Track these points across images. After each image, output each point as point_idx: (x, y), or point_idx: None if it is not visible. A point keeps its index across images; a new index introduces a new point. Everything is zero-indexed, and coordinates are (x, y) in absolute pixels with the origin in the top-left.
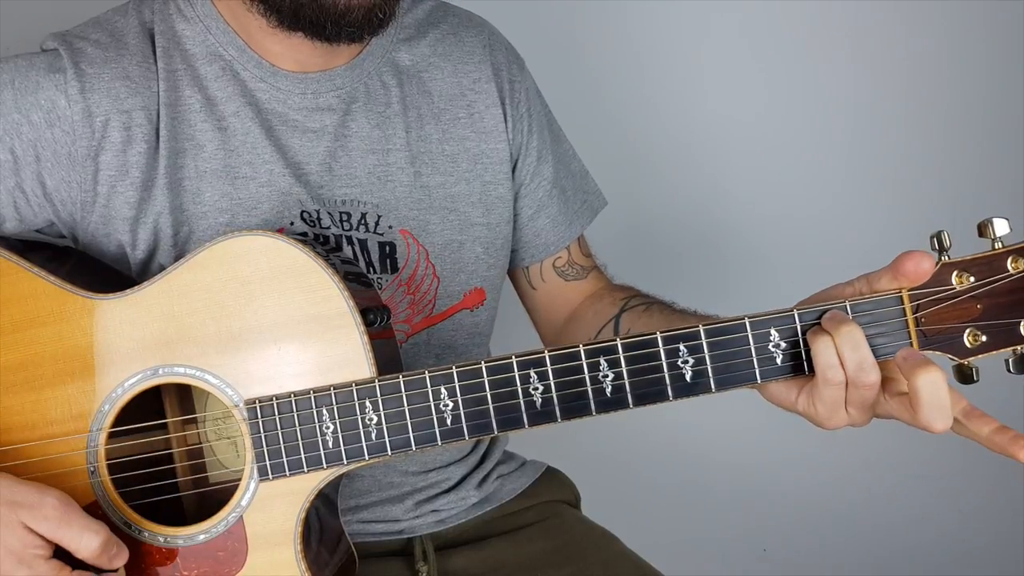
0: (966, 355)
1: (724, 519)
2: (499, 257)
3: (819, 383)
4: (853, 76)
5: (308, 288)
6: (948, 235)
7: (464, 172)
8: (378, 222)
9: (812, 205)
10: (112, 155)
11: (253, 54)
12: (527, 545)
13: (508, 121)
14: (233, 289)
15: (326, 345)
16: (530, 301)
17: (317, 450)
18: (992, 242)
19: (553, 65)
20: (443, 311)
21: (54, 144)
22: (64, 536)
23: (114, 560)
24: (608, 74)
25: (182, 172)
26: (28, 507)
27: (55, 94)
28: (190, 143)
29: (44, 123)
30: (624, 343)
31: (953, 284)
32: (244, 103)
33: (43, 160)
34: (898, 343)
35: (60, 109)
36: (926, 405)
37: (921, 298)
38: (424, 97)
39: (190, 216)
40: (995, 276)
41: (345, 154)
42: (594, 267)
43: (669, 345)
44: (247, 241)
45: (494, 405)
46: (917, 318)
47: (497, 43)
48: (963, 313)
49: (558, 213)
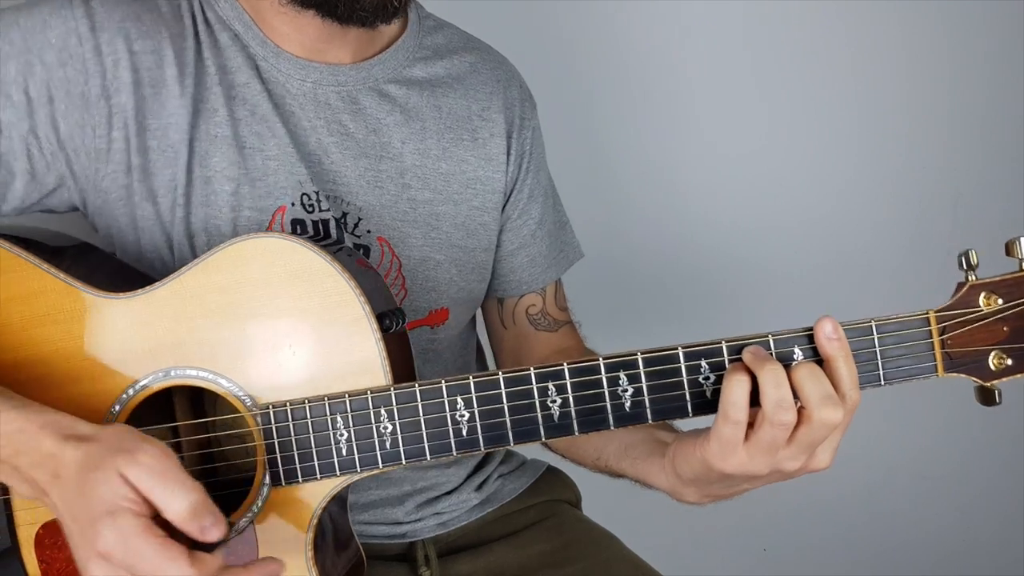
0: (990, 378)
1: (724, 519)
2: (471, 282)
3: (719, 418)
4: (850, 88)
5: (323, 292)
6: (976, 254)
7: (454, 193)
8: (357, 224)
9: (804, 222)
10: (125, 96)
11: (258, 31)
12: (528, 547)
13: (511, 155)
14: (247, 292)
15: (341, 351)
16: (497, 339)
17: (331, 457)
18: (1020, 262)
19: (541, 71)
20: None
21: (67, 84)
22: (156, 491)
23: (207, 532)
24: (595, 81)
25: (195, 132)
26: (128, 455)
27: (65, 32)
28: (204, 105)
29: (56, 62)
30: (644, 358)
31: (981, 306)
32: (253, 75)
33: (56, 101)
34: (923, 365)
35: (71, 47)
36: (770, 400)
37: (948, 320)
38: (432, 111)
39: (195, 178)
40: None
41: (338, 151)
42: (568, 322)
43: (691, 362)
44: (261, 243)
45: (511, 417)
46: (943, 340)
47: (513, 80)
48: (990, 336)
49: (537, 255)
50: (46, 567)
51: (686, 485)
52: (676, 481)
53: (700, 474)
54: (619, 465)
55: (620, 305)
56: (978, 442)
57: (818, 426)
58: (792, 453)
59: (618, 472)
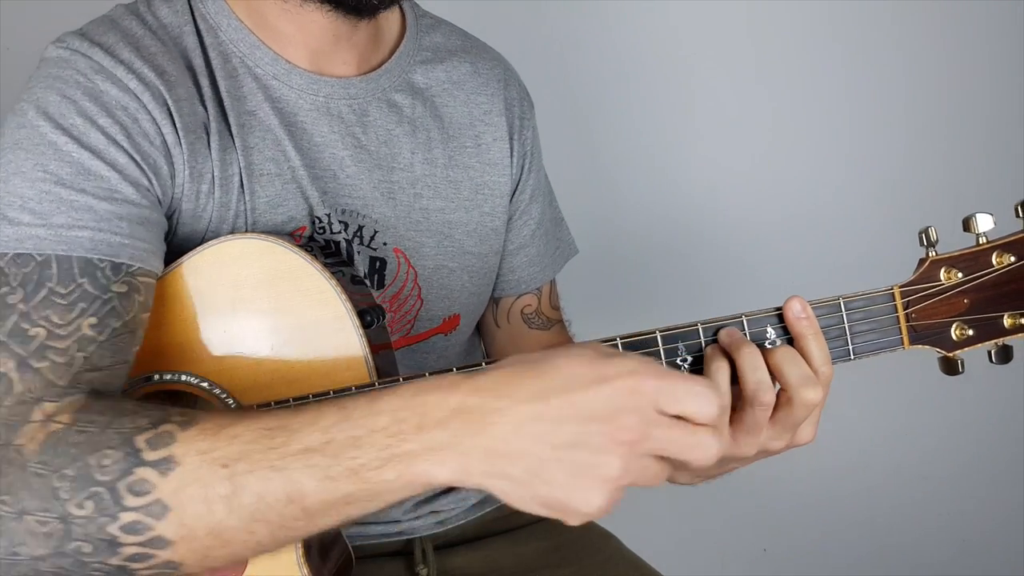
0: (953, 348)
1: (724, 519)
2: (482, 287)
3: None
4: (845, 86)
5: (304, 291)
6: (935, 231)
7: (464, 200)
8: (374, 237)
9: (801, 211)
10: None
11: (267, 50)
12: (526, 545)
13: (513, 156)
14: (228, 293)
15: (324, 349)
16: (489, 337)
17: None
18: (976, 237)
19: (535, 68)
20: (420, 333)
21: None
22: (678, 399)
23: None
24: (591, 76)
25: (222, 173)
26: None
27: (122, 95)
28: (226, 144)
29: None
30: (624, 342)
31: (942, 280)
32: (263, 99)
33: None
34: (890, 339)
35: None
36: (750, 382)
37: (912, 294)
38: (435, 121)
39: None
40: (981, 271)
41: (353, 164)
42: (559, 321)
43: (668, 344)
44: (242, 244)
45: None
46: (908, 314)
47: (512, 79)
48: (951, 308)
49: (536, 254)
50: None
51: (677, 468)
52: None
53: None
54: None
55: (602, 295)
56: (978, 443)
57: (799, 406)
58: (776, 433)
59: None
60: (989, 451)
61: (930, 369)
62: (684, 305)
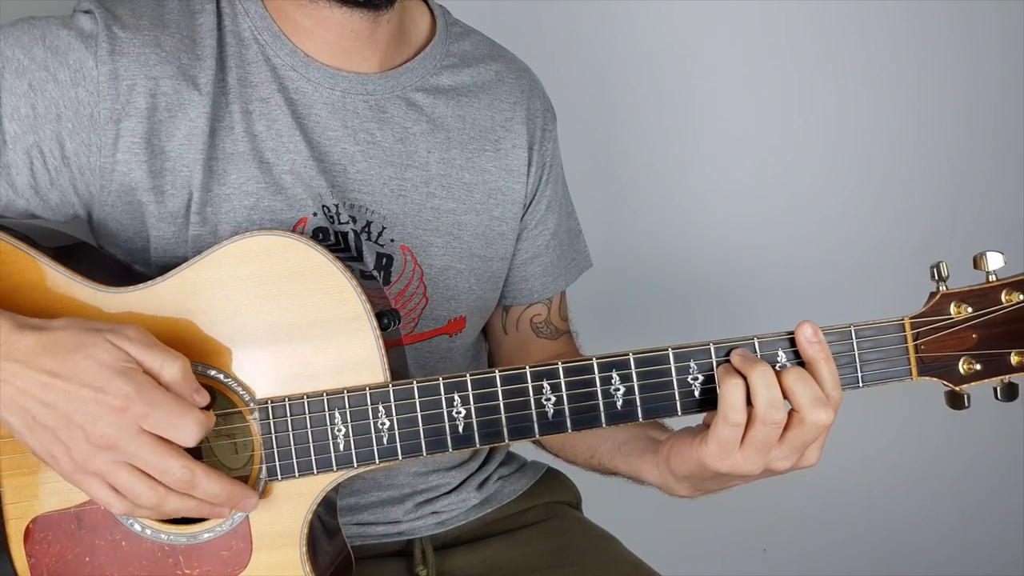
0: (960, 382)
1: (724, 520)
2: (488, 290)
3: (719, 421)
4: (859, 101)
5: (325, 290)
6: (946, 265)
7: (476, 203)
8: (381, 233)
9: (814, 234)
10: (136, 122)
11: (286, 41)
12: (526, 546)
13: (532, 166)
14: (249, 288)
15: (340, 347)
16: (496, 344)
17: (328, 452)
18: (986, 275)
19: (560, 85)
20: (424, 332)
21: (77, 104)
22: (147, 357)
23: (196, 395)
24: (599, 81)
25: (213, 151)
26: (111, 331)
27: (84, 54)
28: (220, 124)
29: (69, 82)
30: (636, 358)
31: (952, 314)
32: (275, 89)
33: (64, 119)
34: (898, 369)
35: (87, 69)
36: (762, 400)
37: (922, 326)
38: (456, 121)
39: (214, 196)
40: (990, 308)
41: (364, 160)
42: (567, 332)
43: (680, 362)
44: (265, 240)
45: (506, 414)
46: (917, 345)
47: (536, 90)
48: (960, 342)
49: (550, 264)
50: (35, 562)
51: (679, 481)
52: (669, 477)
53: (695, 472)
54: (612, 462)
55: (613, 310)
56: (978, 443)
57: (810, 427)
58: (784, 453)
59: (611, 469)
60: (989, 452)
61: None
62: (692, 326)
